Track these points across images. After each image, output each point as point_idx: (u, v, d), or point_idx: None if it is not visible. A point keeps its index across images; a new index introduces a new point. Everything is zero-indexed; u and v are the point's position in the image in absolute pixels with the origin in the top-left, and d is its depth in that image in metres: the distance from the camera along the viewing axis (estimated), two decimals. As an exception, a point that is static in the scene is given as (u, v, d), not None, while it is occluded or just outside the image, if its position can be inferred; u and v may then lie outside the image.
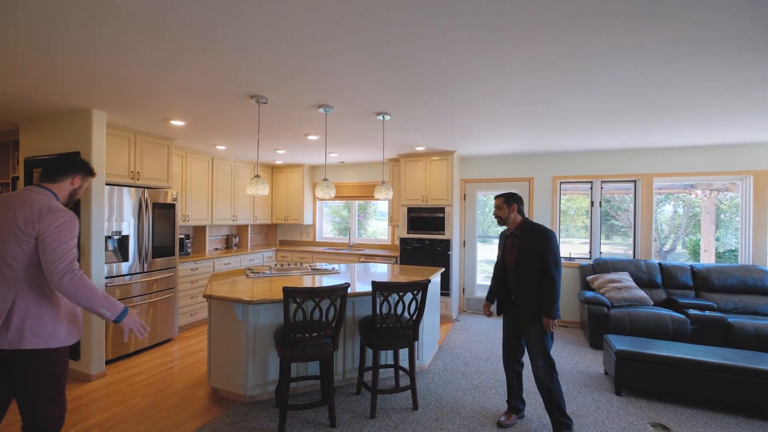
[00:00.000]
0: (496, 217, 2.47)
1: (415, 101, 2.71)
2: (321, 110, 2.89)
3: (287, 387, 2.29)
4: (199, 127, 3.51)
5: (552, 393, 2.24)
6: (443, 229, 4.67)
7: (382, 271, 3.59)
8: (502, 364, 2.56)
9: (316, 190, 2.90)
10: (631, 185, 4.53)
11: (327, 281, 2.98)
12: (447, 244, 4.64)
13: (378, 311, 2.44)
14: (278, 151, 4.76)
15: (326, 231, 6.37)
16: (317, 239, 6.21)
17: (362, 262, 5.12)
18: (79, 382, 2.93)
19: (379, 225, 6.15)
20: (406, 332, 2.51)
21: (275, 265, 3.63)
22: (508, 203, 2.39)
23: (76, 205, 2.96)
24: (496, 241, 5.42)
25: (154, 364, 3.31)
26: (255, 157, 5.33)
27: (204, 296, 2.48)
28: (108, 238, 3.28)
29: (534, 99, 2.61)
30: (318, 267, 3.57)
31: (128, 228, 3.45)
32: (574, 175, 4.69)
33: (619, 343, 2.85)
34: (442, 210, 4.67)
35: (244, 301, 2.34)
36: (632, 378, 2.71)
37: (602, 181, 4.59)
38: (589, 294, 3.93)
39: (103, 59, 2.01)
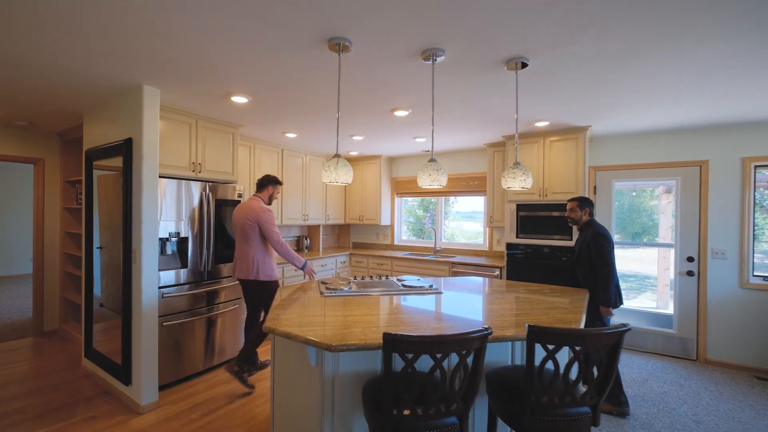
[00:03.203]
0: (568, 218, 2.74)
1: (581, 26, 1.65)
2: (427, 60, 1.98)
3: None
4: (266, 105, 2.86)
5: None
6: (569, 233, 3.44)
7: (479, 285, 2.55)
8: None
9: (419, 177, 1.99)
10: None
11: (425, 306, 2.05)
12: (576, 253, 3.40)
13: (535, 374, 1.43)
14: (355, 138, 3.99)
15: (404, 233, 5.49)
16: (395, 242, 5.35)
17: (453, 273, 4.11)
18: (127, 414, 2.43)
19: (456, 226, 5.10)
20: (582, 413, 1.46)
21: (354, 278, 2.82)
22: (582, 207, 2.66)
23: (126, 201, 2.54)
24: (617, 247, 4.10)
25: (213, 394, 2.73)
26: (328, 149, 4.66)
27: (264, 329, 1.72)
28: (166, 240, 2.80)
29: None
30: (407, 282, 2.67)
31: (187, 229, 2.94)
32: (785, 153, 3.10)
33: None
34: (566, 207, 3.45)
35: (320, 345, 1.52)
36: None
37: (844, 161, 2.94)
38: None
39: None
